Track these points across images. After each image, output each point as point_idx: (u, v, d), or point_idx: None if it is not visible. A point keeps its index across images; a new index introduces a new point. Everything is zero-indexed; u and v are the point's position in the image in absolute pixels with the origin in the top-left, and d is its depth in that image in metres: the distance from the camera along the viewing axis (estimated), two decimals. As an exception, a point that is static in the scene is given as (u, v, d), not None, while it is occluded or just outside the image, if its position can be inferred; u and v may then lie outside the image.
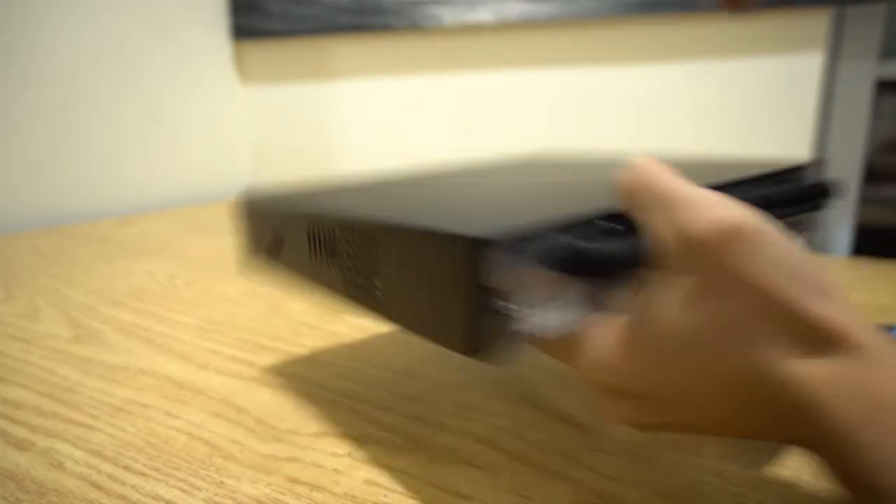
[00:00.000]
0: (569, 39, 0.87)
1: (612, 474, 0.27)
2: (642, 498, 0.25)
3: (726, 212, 0.19)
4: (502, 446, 0.29)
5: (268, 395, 0.35)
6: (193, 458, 0.29)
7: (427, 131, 1.02)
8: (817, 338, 0.18)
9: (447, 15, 0.91)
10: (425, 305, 0.22)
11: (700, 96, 0.83)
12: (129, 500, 0.26)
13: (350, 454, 0.29)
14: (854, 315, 0.18)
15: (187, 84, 1.06)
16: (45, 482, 0.27)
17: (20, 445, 0.30)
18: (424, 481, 0.27)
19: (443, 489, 0.26)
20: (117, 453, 0.29)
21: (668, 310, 0.20)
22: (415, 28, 0.94)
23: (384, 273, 0.24)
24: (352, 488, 0.26)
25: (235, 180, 1.17)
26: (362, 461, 0.28)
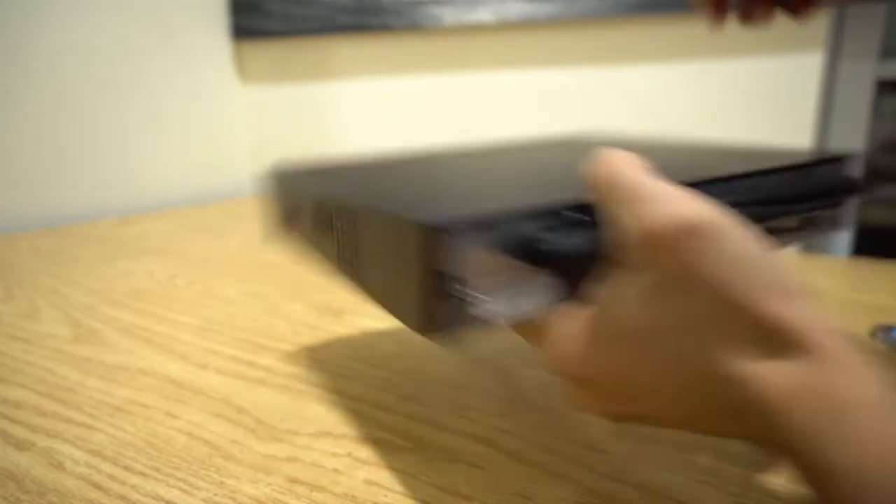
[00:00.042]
0: (569, 39, 0.87)
1: (612, 474, 0.27)
2: (642, 498, 0.25)
3: (686, 207, 0.19)
4: (502, 446, 0.29)
5: (268, 395, 0.35)
6: (193, 458, 0.29)
7: (427, 131, 1.02)
8: (775, 339, 0.18)
9: (447, 15, 0.91)
10: (391, 285, 0.23)
11: (700, 96, 0.83)
12: (129, 500, 0.26)
13: (350, 454, 0.29)
14: (816, 316, 0.18)
15: (187, 84, 1.06)
16: (45, 482, 0.27)
17: (20, 445, 0.30)
18: (424, 481, 0.27)
19: (443, 489, 0.26)
20: (117, 453, 0.29)
21: (629, 304, 0.20)
22: (415, 28, 0.94)
23: (363, 251, 0.25)
24: (352, 488, 0.26)
25: (235, 180, 1.17)
26: (362, 461, 0.28)
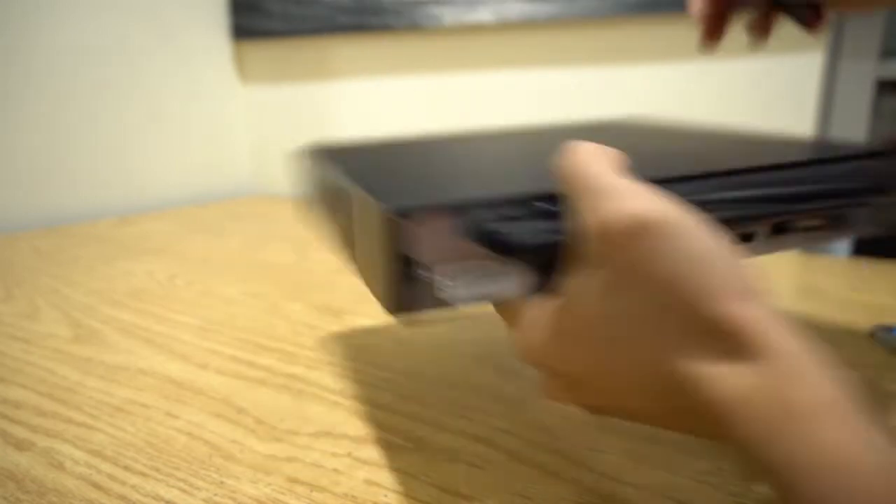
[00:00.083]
0: (569, 39, 0.87)
1: (612, 474, 0.27)
2: (642, 498, 0.25)
3: (641, 204, 0.18)
4: (502, 446, 0.29)
5: (268, 395, 0.35)
6: (193, 458, 0.29)
7: (427, 131, 1.02)
8: (728, 341, 0.17)
9: (447, 15, 0.90)
10: (369, 266, 0.24)
11: (700, 96, 0.83)
12: (129, 500, 0.26)
13: (350, 454, 0.29)
14: (771, 317, 0.17)
15: (187, 84, 1.06)
16: (45, 482, 0.27)
17: (20, 445, 0.30)
18: (424, 481, 0.27)
19: (443, 489, 0.26)
20: (117, 453, 0.29)
21: (587, 298, 0.20)
22: (415, 28, 0.94)
23: (355, 232, 0.26)
24: (352, 488, 0.26)
25: (235, 180, 1.17)
26: (362, 461, 0.28)
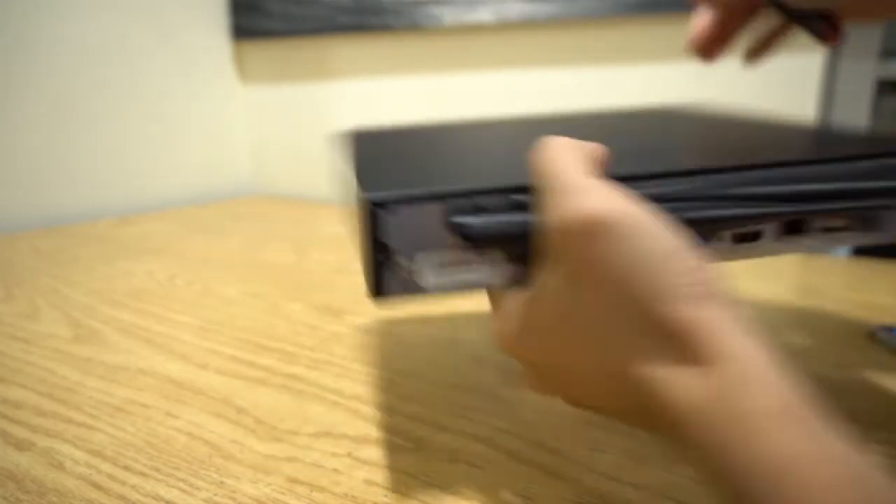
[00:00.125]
0: (569, 39, 0.87)
1: (612, 474, 0.27)
2: (642, 498, 0.25)
3: (599, 203, 0.18)
4: (502, 446, 0.29)
5: (268, 395, 0.35)
6: (193, 458, 0.29)
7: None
8: (680, 345, 0.17)
9: (447, 15, 0.90)
10: (360, 252, 0.25)
11: (700, 96, 0.83)
12: (129, 500, 0.26)
13: (350, 454, 0.29)
14: (727, 321, 0.17)
15: (187, 84, 1.06)
16: (45, 482, 0.27)
17: (20, 445, 0.30)
18: (424, 481, 0.27)
19: (443, 489, 0.26)
20: (117, 453, 0.29)
21: (550, 292, 0.20)
22: (415, 28, 0.94)
23: (354, 218, 0.27)
24: (352, 488, 0.26)
25: (235, 180, 1.17)
26: (362, 461, 0.28)
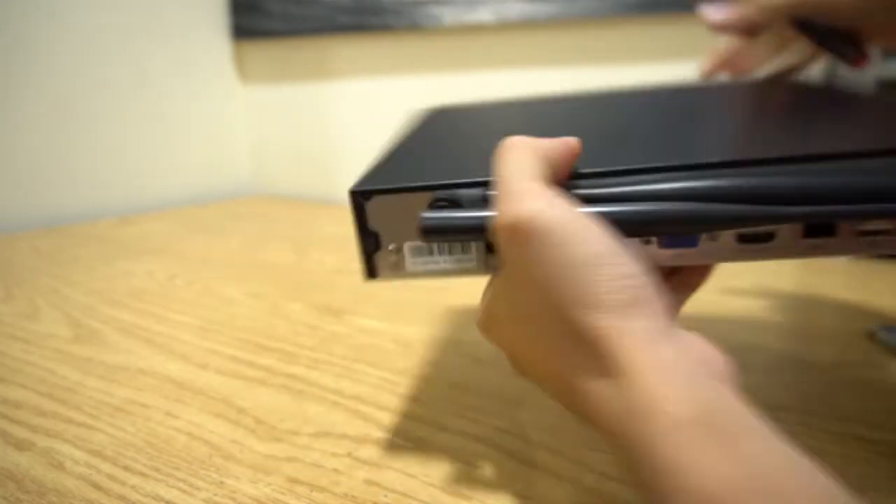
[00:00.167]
0: (569, 39, 0.87)
1: (612, 474, 0.27)
2: (642, 498, 0.25)
3: (530, 208, 0.19)
4: (502, 446, 0.29)
5: (268, 395, 0.35)
6: (193, 458, 0.29)
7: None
8: (595, 353, 0.18)
9: (447, 15, 0.90)
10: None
11: (700, 96, 0.83)
12: (129, 500, 0.26)
13: (350, 454, 0.29)
14: (639, 331, 0.17)
15: (187, 84, 1.06)
16: (45, 482, 0.27)
17: (20, 445, 0.30)
18: (424, 481, 0.27)
19: (443, 489, 0.26)
20: (117, 453, 0.29)
21: (499, 288, 0.21)
22: (415, 28, 0.94)
23: None
24: (352, 488, 0.26)
25: (235, 180, 1.17)
26: (362, 461, 0.28)
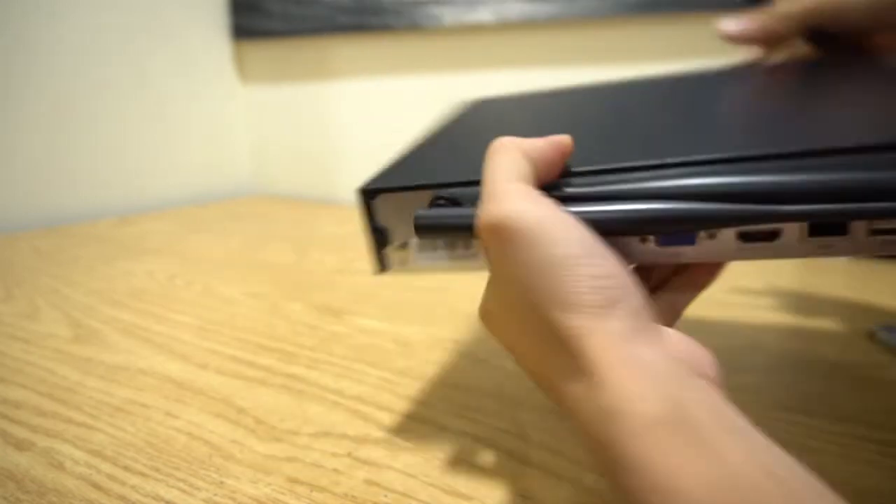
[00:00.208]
0: (569, 39, 0.87)
1: (612, 474, 0.27)
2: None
3: (504, 210, 0.19)
4: (502, 446, 0.29)
5: (268, 395, 0.35)
6: (193, 458, 0.29)
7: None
8: (569, 353, 0.18)
9: (447, 15, 0.90)
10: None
11: (700, 96, 0.83)
12: (129, 500, 0.26)
13: (350, 454, 0.29)
14: (614, 332, 0.17)
15: (187, 84, 1.06)
16: (45, 482, 0.27)
17: (20, 445, 0.30)
18: (424, 481, 0.27)
19: (443, 489, 0.26)
20: (117, 453, 0.29)
21: (490, 284, 0.22)
22: (415, 28, 0.94)
23: None
24: (352, 488, 0.26)
25: (235, 180, 1.17)
26: (362, 461, 0.28)
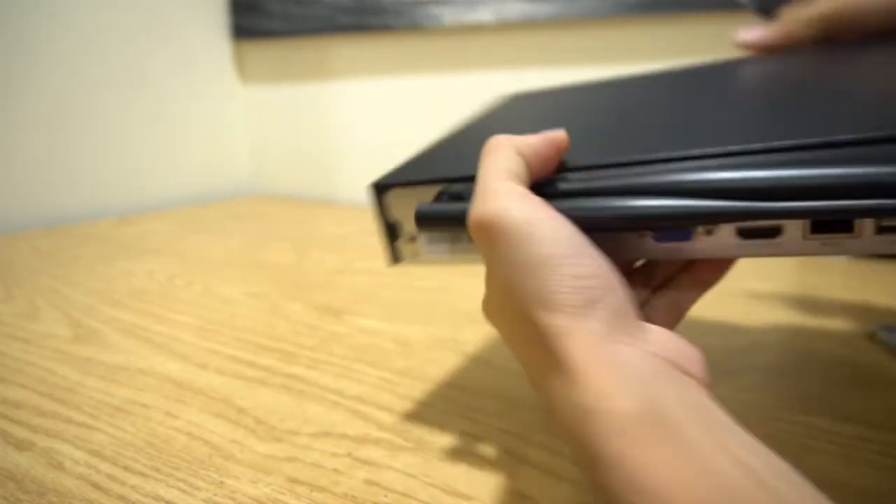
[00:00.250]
0: (569, 39, 0.87)
1: (612, 474, 0.27)
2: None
3: (491, 208, 0.19)
4: (502, 446, 0.29)
5: (268, 395, 0.35)
6: (193, 458, 0.29)
7: (427, 131, 1.02)
8: (547, 347, 0.18)
9: (447, 15, 0.90)
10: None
11: (700, 96, 0.83)
12: (129, 500, 0.26)
13: (350, 454, 0.29)
14: (592, 332, 0.18)
15: (187, 84, 1.06)
16: (45, 482, 0.27)
17: (20, 445, 0.30)
18: (424, 481, 0.27)
19: (443, 489, 0.26)
20: (117, 453, 0.29)
21: (486, 277, 0.22)
22: (415, 28, 0.94)
23: None
24: (352, 488, 0.26)
25: (235, 180, 1.17)
26: (362, 461, 0.28)
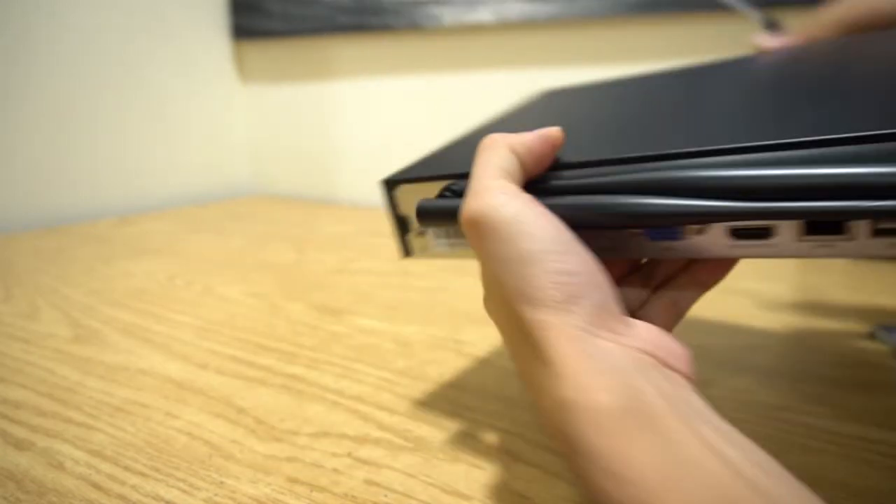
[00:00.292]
0: (569, 39, 0.87)
1: (612, 474, 0.27)
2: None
3: (480, 205, 0.20)
4: (502, 446, 0.29)
5: (268, 395, 0.35)
6: (193, 458, 0.29)
7: (427, 131, 1.02)
8: (531, 342, 0.19)
9: (447, 15, 0.91)
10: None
11: (700, 96, 0.83)
12: (129, 500, 0.26)
13: (350, 454, 0.29)
14: (573, 326, 0.18)
15: (187, 84, 1.06)
16: (44, 482, 0.27)
17: (20, 445, 0.30)
18: (424, 481, 0.27)
19: (443, 489, 0.26)
20: (117, 453, 0.29)
21: (480, 272, 0.22)
22: (415, 28, 0.94)
23: None
24: (352, 488, 0.26)
25: (235, 180, 1.17)
26: (362, 461, 0.28)
